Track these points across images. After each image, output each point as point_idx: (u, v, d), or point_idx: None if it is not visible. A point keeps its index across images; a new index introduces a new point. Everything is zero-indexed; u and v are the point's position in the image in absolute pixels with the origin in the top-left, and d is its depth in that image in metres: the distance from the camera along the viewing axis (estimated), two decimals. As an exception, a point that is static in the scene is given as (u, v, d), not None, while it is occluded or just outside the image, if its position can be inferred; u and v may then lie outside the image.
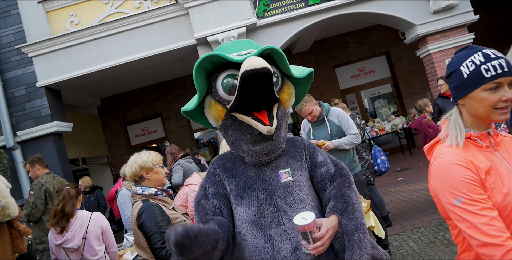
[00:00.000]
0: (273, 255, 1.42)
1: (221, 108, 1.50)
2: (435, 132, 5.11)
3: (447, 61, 7.38)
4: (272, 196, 1.50)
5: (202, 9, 6.72)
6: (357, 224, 1.45)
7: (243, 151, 1.55)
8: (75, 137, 8.53)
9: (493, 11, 11.96)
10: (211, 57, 1.40)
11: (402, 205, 6.03)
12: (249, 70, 1.28)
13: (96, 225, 3.13)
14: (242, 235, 1.49)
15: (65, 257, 3.05)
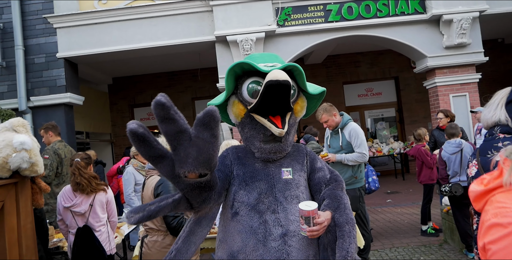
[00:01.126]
0: (265, 236, 1.61)
1: (243, 108, 1.70)
2: (433, 160, 5.32)
3: (451, 96, 7.53)
4: (272, 188, 1.70)
5: (226, 8, 6.93)
6: (348, 219, 1.64)
7: (255, 147, 1.75)
8: (83, 110, 8.73)
9: (505, 54, 12.12)
10: (242, 64, 1.61)
11: (385, 224, 6.24)
12: (273, 80, 1.47)
13: (102, 195, 3.38)
14: (239, 216, 1.68)
15: (71, 219, 3.27)
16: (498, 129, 2.01)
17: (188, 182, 1.33)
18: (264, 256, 1.59)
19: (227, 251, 1.68)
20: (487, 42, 11.57)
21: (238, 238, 1.65)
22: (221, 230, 1.76)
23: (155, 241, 2.70)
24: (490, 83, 11.91)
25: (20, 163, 2.14)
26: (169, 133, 1.24)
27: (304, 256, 1.63)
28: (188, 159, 1.26)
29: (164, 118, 1.22)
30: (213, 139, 1.28)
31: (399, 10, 7.22)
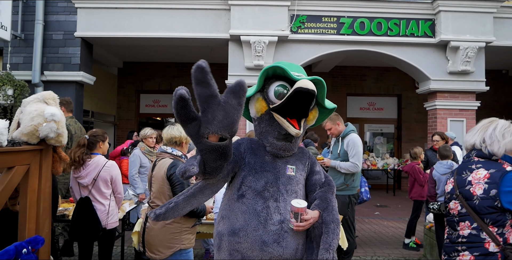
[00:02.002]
0: (266, 219, 1.82)
1: (265, 105, 1.89)
2: (425, 179, 5.64)
3: (449, 120, 7.87)
4: (277, 180, 1.90)
5: (243, 9, 7.23)
6: (334, 218, 1.88)
7: (267, 142, 1.94)
8: (91, 90, 9.01)
9: (507, 85, 12.48)
10: (276, 67, 1.82)
11: (370, 234, 6.59)
12: (303, 88, 1.68)
13: (107, 172, 3.59)
14: (245, 198, 1.87)
15: (77, 189, 3.57)
16: (474, 153, 2.27)
17: (209, 143, 1.54)
18: (262, 237, 1.80)
19: (228, 227, 1.88)
20: (491, 72, 11.93)
21: (241, 218, 1.85)
22: (224, 208, 1.96)
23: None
24: (490, 112, 12.17)
25: (48, 132, 2.43)
26: (202, 95, 1.47)
27: (295, 243, 1.86)
28: (214, 121, 1.48)
29: (200, 81, 1.44)
30: (239, 107, 1.51)
31: (409, 31, 7.56)
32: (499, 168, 2.09)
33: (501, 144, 2.15)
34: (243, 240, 1.82)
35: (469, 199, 2.12)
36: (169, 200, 1.86)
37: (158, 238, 2.92)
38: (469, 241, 2.12)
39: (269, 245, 1.80)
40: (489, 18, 7.55)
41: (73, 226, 3.48)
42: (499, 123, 2.23)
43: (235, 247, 1.84)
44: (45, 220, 2.55)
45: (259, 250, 1.80)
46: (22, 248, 2.25)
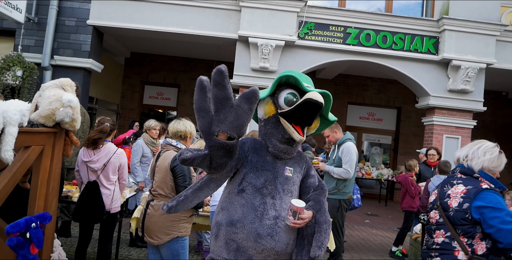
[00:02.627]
0: (262, 214, 1.97)
1: (274, 109, 2.06)
2: (416, 191, 5.95)
3: (445, 136, 8.11)
4: (275, 179, 2.06)
5: (253, 11, 7.44)
6: (326, 220, 2.04)
7: (271, 143, 2.10)
8: (97, 77, 9.22)
9: (506, 107, 12.76)
10: (290, 77, 2.02)
11: (359, 241, 6.86)
12: (312, 99, 1.88)
13: (117, 159, 3.86)
14: (245, 193, 2.03)
15: (85, 173, 3.78)
16: (458, 169, 2.49)
17: (218, 140, 1.71)
18: (258, 229, 1.95)
19: (227, 218, 2.03)
20: (492, 93, 12.21)
21: (240, 210, 2.01)
22: (224, 200, 2.12)
23: (160, 206, 3.08)
24: (486, 132, 12.50)
25: (64, 117, 2.65)
26: (218, 96, 1.63)
27: (287, 239, 2.01)
28: (225, 121, 1.66)
29: (218, 83, 1.61)
30: (250, 111, 1.68)
31: (413, 46, 7.80)
32: (476, 185, 2.30)
33: (479, 160, 2.37)
34: (240, 231, 1.97)
35: (446, 210, 2.34)
36: (178, 194, 2.05)
37: (158, 224, 3.11)
38: (441, 248, 2.35)
39: (263, 238, 1.95)
40: (492, 40, 7.80)
41: (78, 208, 3.68)
42: (485, 143, 2.44)
43: (231, 237, 1.99)
44: (53, 198, 2.79)
45: (253, 241, 1.95)
46: (32, 222, 2.49)
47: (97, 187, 3.70)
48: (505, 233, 2.13)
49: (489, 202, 2.20)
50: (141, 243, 5.44)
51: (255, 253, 1.97)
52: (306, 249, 2.03)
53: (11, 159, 2.24)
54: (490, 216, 2.18)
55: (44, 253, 2.79)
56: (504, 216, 2.15)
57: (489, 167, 2.38)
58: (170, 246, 3.15)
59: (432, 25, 7.83)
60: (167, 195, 3.16)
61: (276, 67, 7.55)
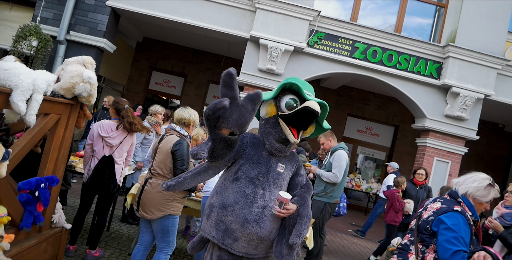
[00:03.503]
0: (252, 202, 2.23)
1: (275, 110, 2.34)
2: (400, 206, 6.35)
3: (435, 159, 8.49)
4: (268, 173, 2.32)
5: (268, 14, 7.78)
6: (307, 214, 2.29)
7: (268, 141, 2.37)
8: (108, 56, 9.57)
9: (501, 140, 13.18)
10: (294, 84, 2.29)
11: (339, 247, 7.24)
12: (310, 107, 2.16)
13: (131, 138, 4.27)
14: (239, 181, 2.29)
15: (100, 147, 4.07)
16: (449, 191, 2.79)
17: (221, 135, 2.00)
18: (246, 215, 2.20)
19: (220, 201, 2.29)
20: (489, 124, 12.62)
21: (232, 196, 2.26)
22: (219, 185, 2.39)
23: (158, 184, 3.41)
24: (478, 161, 12.91)
25: (82, 92, 3.02)
26: (226, 96, 1.90)
27: (270, 227, 2.27)
28: (230, 118, 1.94)
29: (227, 84, 1.89)
30: (253, 112, 1.98)
31: (417, 69, 8.19)
32: (449, 206, 2.59)
33: (466, 186, 2.64)
34: (230, 214, 2.23)
35: (419, 219, 2.71)
36: (178, 175, 2.33)
37: (153, 201, 3.41)
38: (401, 249, 2.75)
39: (250, 223, 2.20)
40: (493, 73, 8.20)
41: (93, 180, 4.04)
42: (480, 174, 2.70)
43: (221, 219, 2.25)
44: (62, 164, 3.17)
45: (241, 225, 2.20)
46: (41, 183, 2.87)
47: (112, 161, 4.04)
48: (442, 249, 2.44)
49: (449, 221, 2.48)
50: (132, 220, 5.84)
51: (241, 235, 2.22)
52: (286, 238, 2.27)
53: (33, 123, 2.59)
54: (442, 232, 2.48)
55: (47, 213, 3.18)
56: (451, 237, 2.42)
57: (473, 194, 2.62)
58: (162, 222, 3.45)
59: (438, 50, 8.22)
60: (164, 175, 3.45)
61: (282, 70, 7.89)
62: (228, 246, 2.25)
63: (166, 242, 3.53)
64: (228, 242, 2.25)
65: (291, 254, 2.26)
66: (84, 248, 4.44)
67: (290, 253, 2.26)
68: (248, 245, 2.26)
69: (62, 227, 3.51)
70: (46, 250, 3.24)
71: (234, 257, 2.30)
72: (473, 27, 8.23)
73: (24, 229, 2.87)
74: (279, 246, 2.28)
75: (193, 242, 2.54)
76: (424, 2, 8.87)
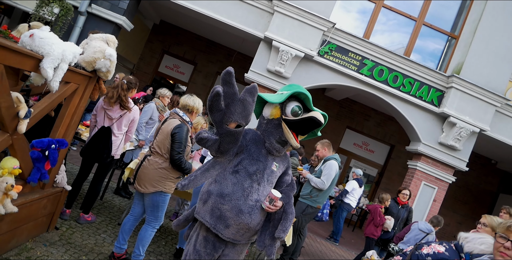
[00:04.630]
0: (248, 194, 2.47)
1: (279, 113, 2.56)
2: (380, 222, 6.79)
3: (423, 183, 8.90)
4: (264, 170, 2.56)
5: (284, 18, 8.14)
6: (292, 211, 2.57)
7: (268, 140, 2.60)
8: (123, 33, 9.92)
9: (491, 175, 13.63)
10: (302, 94, 2.51)
11: (316, 252, 7.64)
12: (317, 118, 2.44)
13: (132, 114, 4.62)
14: (238, 174, 2.51)
15: (101, 118, 4.45)
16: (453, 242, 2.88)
17: (228, 128, 2.26)
18: (241, 206, 2.45)
19: (218, 190, 2.50)
20: (482, 158, 13.06)
21: (231, 187, 2.48)
22: (219, 175, 2.57)
23: (155, 161, 3.72)
24: (466, 192, 13.35)
25: (102, 67, 3.42)
26: (228, 93, 2.17)
27: (259, 219, 2.53)
28: (235, 112, 2.21)
29: (227, 82, 2.15)
30: (253, 103, 2.27)
31: (419, 93, 8.61)
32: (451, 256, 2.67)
33: (473, 246, 2.70)
34: (226, 203, 2.46)
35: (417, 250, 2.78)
36: (190, 174, 2.54)
37: (148, 176, 3.72)
38: None
39: (244, 214, 2.45)
40: (492, 109, 8.63)
41: (89, 146, 4.45)
42: (489, 239, 2.74)
43: (218, 206, 2.48)
44: (72, 130, 3.59)
45: (235, 214, 2.45)
46: (52, 144, 3.28)
47: (109, 132, 4.44)
48: None
49: None
50: (124, 193, 6.33)
51: (233, 223, 2.47)
52: (270, 231, 2.57)
53: (56, 89, 2.98)
54: None
55: (52, 172, 3.62)
56: None
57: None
58: (153, 197, 3.78)
59: (442, 79, 8.63)
60: (162, 155, 3.75)
61: (290, 74, 8.26)
62: (219, 231, 2.51)
63: (154, 216, 3.86)
64: (219, 227, 2.50)
65: (273, 245, 2.55)
66: (78, 212, 4.89)
67: (272, 244, 2.55)
68: (237, 232, 2.53)
69: (63, 187, 3.92)
70: (46, 206, 3.66)
71: (219, 240, 2.58)
72: (480, 62, 8.65)
73: (31, 183, 3.27)
74: (262, 236, 2.57)
75: (178, 220, 2.86)
76: (437, 31, 9.26)
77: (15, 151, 3.00)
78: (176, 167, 3.73)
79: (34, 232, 3.71)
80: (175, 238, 5.35)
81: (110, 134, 4.46)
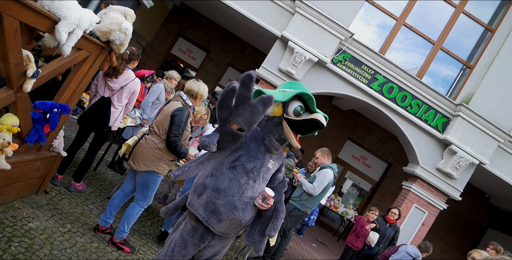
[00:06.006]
0: (243, 191, 2.51)
1: (281, 111, 2.59)
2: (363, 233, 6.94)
3: (414, 206, 9.03)
4: (261, 168, 2.60)
5: (304, 20, 8.21)
6: (283, 209, 2.65)
7: (268, 137, 2.63)
8: (142, 10, 10.06)
9: (482, 209, 13.78)
10: (306, 94, 2.52)
11: (298, 256, 7.74)
12: (320, 121, 2.50)
13: (133, 85, 4.67)
14: (236, 170, 2.53)
15: (102, 88, 4.52)
16: None
17: (230, 128, 2.27)
18: (236, 202, 2.49)
19: (214, 184, 2.53)
20: (476, 190, 13.20)
21: (227, 182, 2.51)
22: (215, 168, 2.58)
23: (152, 141, 3.81)
24: (455, 222, 13.50)
25: (116, 39, 3.51)
26: (242, 95, 2.14)
27: (251, 215, 2.59)
28: (241, 115, 2.19)
29: (245, 84, 2.12)
30: (263, 113, 2.21)
31: (425, 117, 8.74)
32: None
33: None
34: (221, 198, 2.50)
35: None
36: (184, 164, 2.54)
37: (143, 154, 3.81)
38: None
39: (237, 210, 2.50)
40: (494, 144, 8.76)
41: (87, 115, 4.52)
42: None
43: (212, 200, 2.51)
44: (77, 97, 3.72)
45: (229, 210, 2.50)
46: (55, 108, 3.39)
47: (109, 103, 4.52)
48: None
49: None
50: (118, 168, 6.47)
51: (226, 218, 2.52)
52: (259, 227, 2.65)
53: (68, 53, 3.06)
54: None
55: (50, 136, 3.74)
56: None
57: None
58: (145, 176, 3.86)
59: (450, 106, 8.75)
60: (159, 135, 3.83)
61: (300, 77, 8.34)
62: (210, 225, 2.55)
63: (143, 196, 3.95)
64: (212, 221, 2.54)
65: (261, 241, 2.64)
66: (70, 179, 5.02)
67: (261, 240, 2.63)
68: (228, 227, 2.59)
69: (59, 153, 4.04)
70: (38, 168, 3.78)
71: (207, 231, 2.62)
72: (491, 95, 8.77)
73: (27, 143, 3.38)
74: (252, 232, 2.65)
75: (167, 208, 2.91)
76: (453, 58, 9.35)
77: (17, 108, 3.11)
78: (171, 149, 3.81)
79: (23, 193, 3.84)
80: (161, 221, 5.47)
81: (109, 105, 4.53)
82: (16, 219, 3.52)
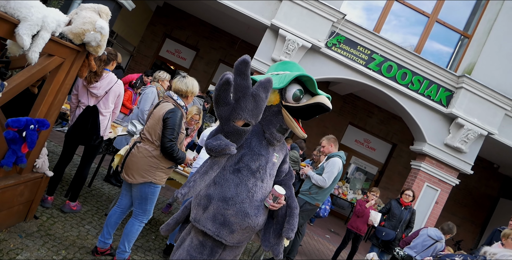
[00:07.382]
0: (253, 195, 2.22)
1: (278, 99, 2.27)
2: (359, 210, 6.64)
3: (426, 184, 8.64)
4: (266, 164, 2.32)
5: (293, 6, 7.76)
6: (296, 205, 2.36)
7: (268, 129, 2.33)
8: (124, 14, 9.59)
9: (492, 179, 13.40)
10: (306, 77, 2.18)
11: (313, 251, 7.41)
12: (325, 104, 2.15)
13: (117, 88, 4.21)
14: (241, 173, 2.25)
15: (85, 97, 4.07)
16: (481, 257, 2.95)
17: (235, 127, 2.00)
18: (247, 209, 2.20)
19: (219, 193, 2.23)
20: (485, 161, 12.81)
21: (233, 189, 2.22)
22: (218, 175, 2.28)
23: (145, 149, 3.35)
24: (466, 195, 13.12)
25: (91, 40, 3.04)
26: (240, 85, 1.87)
27: (264, 217, 2.30)
28: (246, 109, 1.92)
29: (241, 73, 1.85)
30: (266, 99, 1.95)
31: (427, 92, 8.30)
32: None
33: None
34: (230, 207, 2.19)
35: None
36: (188, 180, 2.16)
37: (137, 165, 3.37)
38: None
39: (250, 217, 2.21)
40: (501, 112, 8.33)
41: (75, 128, 4.06)
42: None
43: (221, 212, 2.21)
44: (56, 109, 3.24)
45: (241, 219, 2.20)
46: (31, 124, 2.91)
47: (96, 111, 4.06)
48: None
49: None
50: (115, 181, 5.93)
51: (239, 228, 2.23)
52: (274, 228, 2.37)
53: (35, 60, 2.61)
54: None
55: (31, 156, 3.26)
56: None
57: None
58: (142, 189, 3.43)
59: (453, 79, 8.32)
60: (152, 141, 3.38)
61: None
62: (223, 238, 2.25)
63: (142, 210, 3.53)
64: (223, 234, 2.24)
65: (279, 244, 2.35)
66: (62, 200, 4.55)
67: (278, 243, 2.35)
68: (241, 236, 2.30)
69: (44, 173, 3.56)
70: (22, 193, 3.32)
71: (217, 244, 2.32)
72: (492, 63, 8.34)
73: (4, 167, 2.91)
74: (267, 235, 2.37)
75: (167, 224, 2.56)
76: (450, 29, 8.92)
77: (-15, 129, 2.67)
78: (168, 155, 3.36)
79: (9, 222, 3.38)
80: (166, 233, 5.02)
81: (97, 114, 4.08)
82: (2, 252, 3.06)
